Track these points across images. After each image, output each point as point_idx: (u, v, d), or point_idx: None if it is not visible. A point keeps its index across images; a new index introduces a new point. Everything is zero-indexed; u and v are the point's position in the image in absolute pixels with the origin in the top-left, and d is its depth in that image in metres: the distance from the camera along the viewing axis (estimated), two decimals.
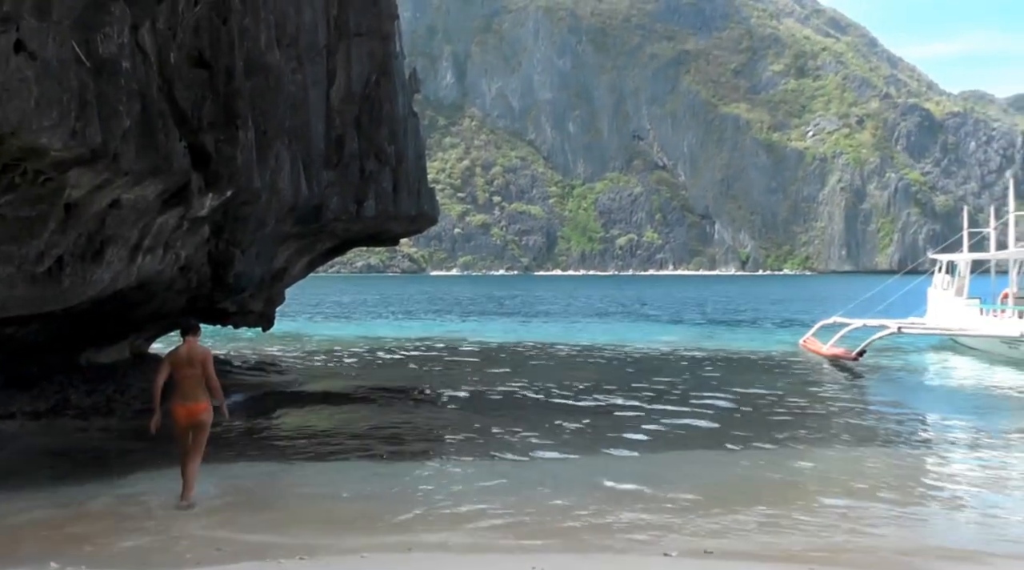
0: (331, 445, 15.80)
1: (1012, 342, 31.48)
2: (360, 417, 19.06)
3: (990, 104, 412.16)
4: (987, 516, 12.29)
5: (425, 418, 19.41)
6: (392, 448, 15.73)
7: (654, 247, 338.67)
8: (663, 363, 31.62)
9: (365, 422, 18.25)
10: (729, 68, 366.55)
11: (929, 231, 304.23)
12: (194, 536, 10.34)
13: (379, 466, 14.34)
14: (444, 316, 62.24)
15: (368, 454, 15.14)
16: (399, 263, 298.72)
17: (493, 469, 14.29)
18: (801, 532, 11.22)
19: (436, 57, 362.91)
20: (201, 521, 10.98)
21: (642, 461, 15.22)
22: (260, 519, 11.27)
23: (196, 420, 11.45)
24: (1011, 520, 12.02)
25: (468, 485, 13.16)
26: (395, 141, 22.85)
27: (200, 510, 11.38)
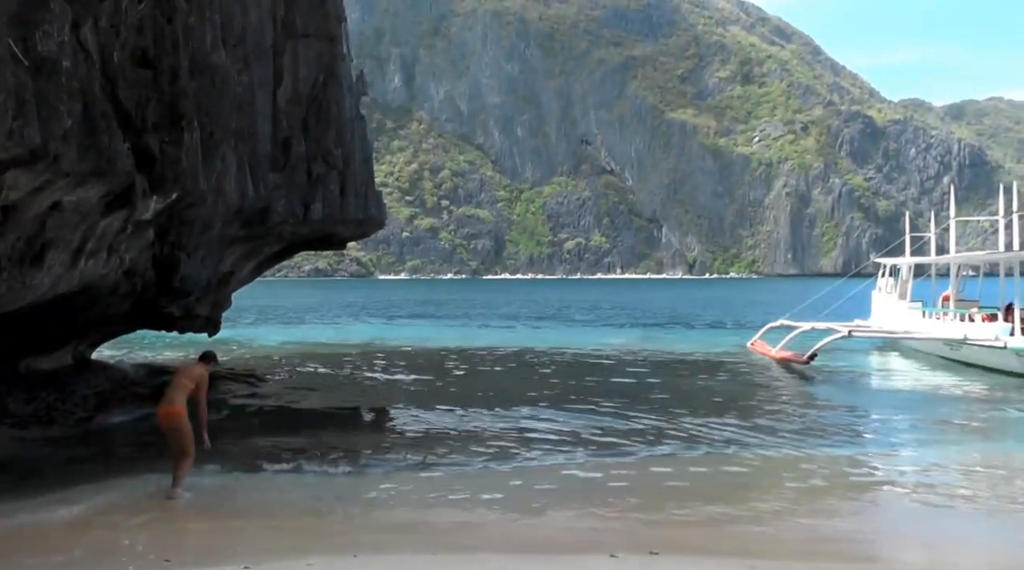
0: (275, 455, 15.55)
1: (953, 344, 31.92)
2: (306, 425, 18.83)
3: (928, 112, 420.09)
4: (927, 507, 12.61)
5: (369, 425, 19.26)
6: (336, 456, 15.55)
7: (602, 251, 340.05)
8: (609, 365, 31.69)
9: (310, 430, 18.04)
10: (676, 74, 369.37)
11: (872, 235, 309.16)
12: (141, 545, 10.13)
13: (324, 475, 14.17)
14: (387, 321, 61.90)
15: (314, 463, 14.94)
16: (347, 267, 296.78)
17: (437, 477, 14.21)
18: (743, 529, 11.40)
19: (384, 60, 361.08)
20: (152, 530, 10.77)
21: (587, 464, 15.22)
22: (208, 527, 11.10)
23: (167, 423, 12.04)
24: (944, 513, 12.27)
25: (414, 493, 13.09)
26: (342, 144, 22.65)
27: (149, 518, 11.20)
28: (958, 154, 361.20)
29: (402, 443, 16.97)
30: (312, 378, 27.68)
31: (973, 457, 16.64)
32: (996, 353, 28.94)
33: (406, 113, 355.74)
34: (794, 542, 11.00)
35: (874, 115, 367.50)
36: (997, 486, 14.34)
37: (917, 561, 10.58)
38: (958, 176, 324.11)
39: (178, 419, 12.01)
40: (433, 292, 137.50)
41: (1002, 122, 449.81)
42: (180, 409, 12.03)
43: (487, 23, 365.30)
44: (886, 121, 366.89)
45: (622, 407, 21.30)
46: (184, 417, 12.03)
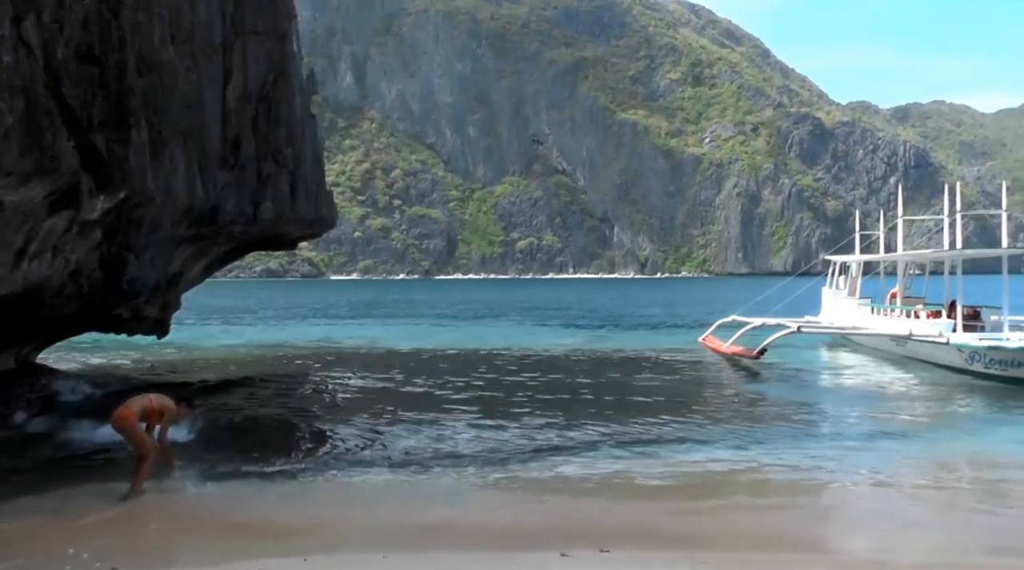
0: (224, 460, 15.29)
1: (900, 340, 32.55)
2: (255, 429, 18.58)
3: (875, 114, 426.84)
4: (874, 499, 12.74)
5: (319, 428, 19.06)
6: (284, 459, 15.37)
7: (554, 250, 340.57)
8: (562, 364, 31.73)
9: (259, 434, 17.81)
10: (627, 75, 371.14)
11: (821, 234, 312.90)
12: (87, 553, 9.90)
13: (275, 479, 13.97)
14: (338, 321, 61.48)
15: (264, 467, 14.74)
16: (299, 267, 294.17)
17: (388, 478, 14.13)
18: (695, 525, 11.54)
19: (335, 58, 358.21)
20: (97, 536, 10.56)
21: (537, 463, 15.22)
22: (157, 532, 10.94)
23: (116, 425, 12.21)
24: (890, 505, 12.43)
25: (365, 494, 13.05)
26: (293, 143, 22.41)
27: (93, 524, 11.01)
28: (904, 156, 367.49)
29: (352, 445, 16.81)
30: (261, 381, 27.35)
31: (918, 451, 17.02)
32: (940, 348, 29.56)
33: (357, 112, 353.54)
34: (745, 536, 11.15)
35: (823, 117, 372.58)
36: (941, 479, 14.70)
37: (863, 550, 10.87)
38: (904, 177, 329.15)
39: (124, 422, 12.08)
40: (385, 292, 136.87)
41: (945, 125, 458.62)
42: (128, 413, 12.10)
43: (439, 22, 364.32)
44: (834, 123, 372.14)
45: (572, 405, 21.34)
46: (132, 421, 12.10)
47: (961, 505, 13.07)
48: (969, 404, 23.57)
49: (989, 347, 27.17)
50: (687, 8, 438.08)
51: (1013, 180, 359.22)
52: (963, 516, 12.49)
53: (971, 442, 18.24)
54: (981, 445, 17.80)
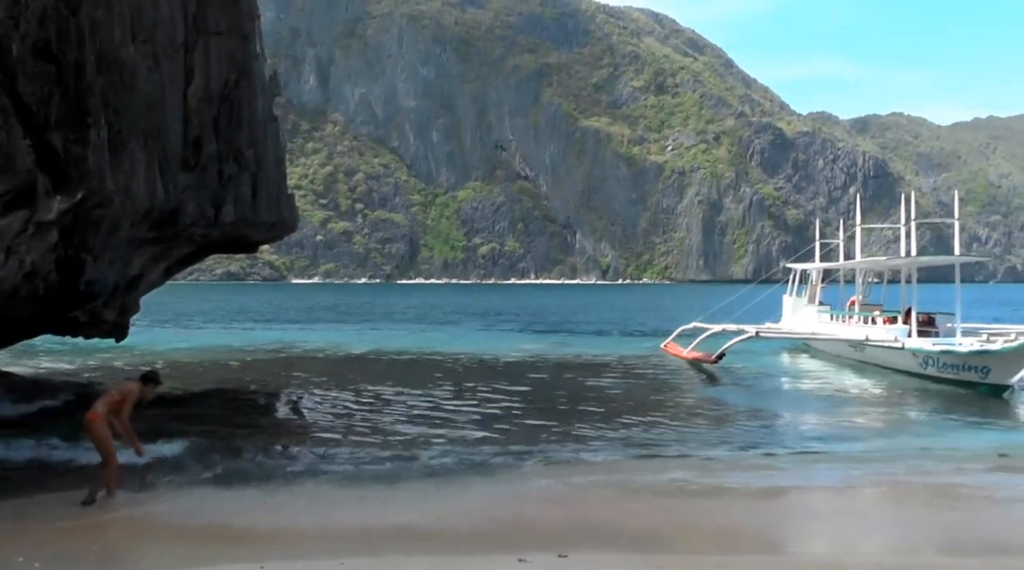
0: (180, 466, 15.08)
1: (857, 346, 33.17)
2: (214, 435, 18.33)
3: (835, 125, 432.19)
4: (830, 502, 12.79)
5: (276, 433, 18.90)
6: (242, 465, 15.20)
7: (516, 256, 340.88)
8: (524, 369, 31.71)
9: (216, 440, 17.55)
10: (590, 83, 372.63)
11: (782, 242, 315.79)
12: (38, 562, 9.72)
13: (231, 485, 13.80)
14: (299, 325, 61.08)
15: (221, 472, 14.56)
16: (260, 270, 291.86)
17: (344, 482, 14.09)
18: (653, 528, 11.59)
19: (299, 60, 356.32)
20: (50, 545, 10.36)
21: (497, 467, 15.22)
22: (113, 540, 10.75)
23: (86, 430, 12.09)
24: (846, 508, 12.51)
25: (321, 499, 12.96)
26: (255, 145, 22.19)
27: (44, 534, 10.81)
28: (863, 166, 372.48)
29: (312, 451, 16.66)
30: (220, 386, 27.08)
31: (874, 452, 17.33)
32: (895, 353, 30.33)
33: (321, 115, 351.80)
34: (703, 538, 11.29)
35: (784, 127, 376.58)
36: (895, 480, 14.88)
37: (820, 551, 11.06)
38: (863, 187, 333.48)
39: (92, 426, 11.96)
40: (346, 296, 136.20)
41: (903, 136, 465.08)
42: (95, 416, 11.97)
43: (403, 26, 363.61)
44: (795, 133, 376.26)
45: (532, 410, 21.34)
46: (98, 424, 11.97)
47: (915, 505, 13.25)
48: (923, 407, 24.09)
49: (942, 351, 27.79)
50: (650, 17, 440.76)
51: (967, 191, 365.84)
52: (917, 516, 12.69)
53: (924, 443, 18.59)
54: (934, 446, 18.16)
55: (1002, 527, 11.87)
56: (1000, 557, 10.40)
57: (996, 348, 25.94)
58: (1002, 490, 14.05)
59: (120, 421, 12.23)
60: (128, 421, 12.36)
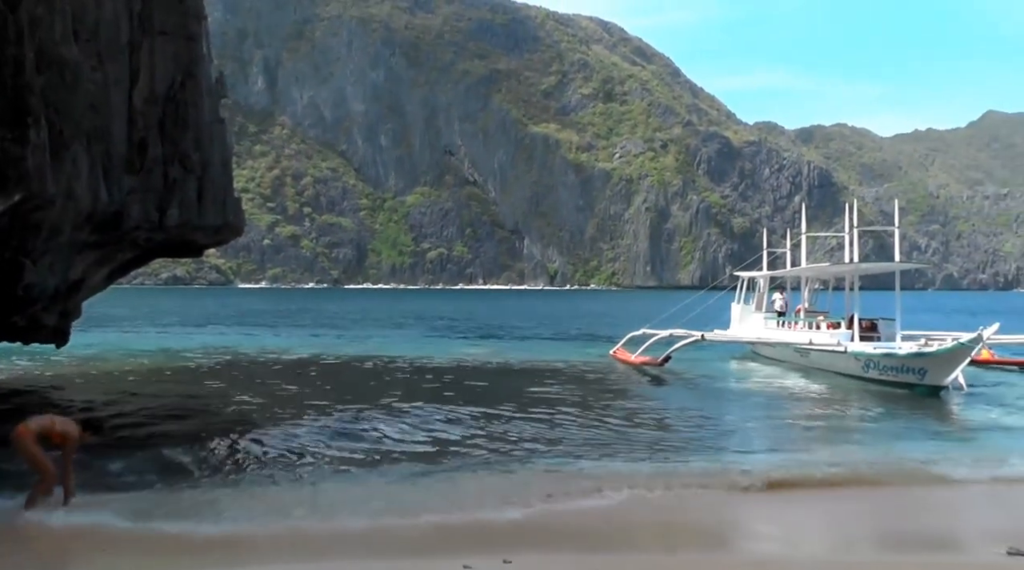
0: (113, 474, 14.75)
1: (802, 351, 33.97)
2: (150, 442, 17.99)
3: (781, 135, 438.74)
4: (777, 500, 12.93)
5: (217, 438, 18.58)
6: (187, 471, 14.94)
7: (464, 261, 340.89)
8: (471, 375, 31.63)
9: (152, 447, 17.20)
10: (539, 89, 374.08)
11: (728, 250, 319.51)
12: None
13: (166, 492, 13.53)
14: (241, 330, 60.41)
15: (165, 479, 14.29)
16: (206, 275, 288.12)
17: (283, 487, 13.95)
18: (599, 528, 11.71)
19: (246, 62, 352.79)
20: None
21: (443, 471, 15.16)
22: (41, 553, 10.48)
23: (12, 441, 11.72)
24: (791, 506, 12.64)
25: (260, 505, 12.76)
26: (201, 147, 21.86)
27: None
28: (808, 175, 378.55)
29: (257, 456, 16.42)
30: (163, 392, 26.65)
31: (816, 452, 17.72)
32: (838, 357, 31.17)
33: (268, 117, 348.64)
34: (650, 536, 11.51)
35: (730, 136, 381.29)
36: (837, 478, 15.16)
37: (764, 549, 11.24)
38: (808, 196, 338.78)
39: (19, 440, 11.68)
40: (293, 301, 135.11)
41: (847, 147, 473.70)
42: (25, 431, 11.70)
43: (352, 29, 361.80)
44: (742, 142, 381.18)
45: (478, 414, 21.28)
46: (27, 439, 11.67)
47: (856, 503, 13.57)
48: (864, 407, 24.78)
49: (882, 354, 28.87)
50: (599, 25, 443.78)
51: (908, 201, 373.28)
52: (858, 514, 13.00)
53: (865, 442, 19.20)
54: (875, 445, 18.74)
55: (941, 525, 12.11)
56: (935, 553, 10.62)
57: (932, 351, 27.08)
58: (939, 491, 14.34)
59: (64, 461, 12.00)
60: (69, 463, 12.11)
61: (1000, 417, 22.86)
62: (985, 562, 10.41)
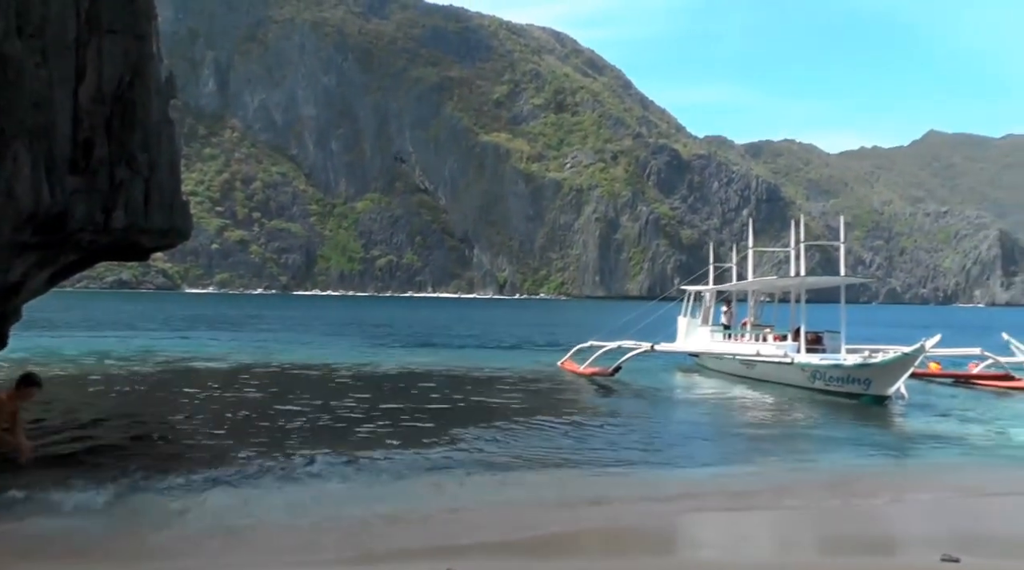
0: (50, 483, 14.45)
1: (749, 363, 34.47)
2: (85, 450, 17.68)
3: (730, 149, 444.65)
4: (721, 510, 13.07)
5: (157, 445, 18.35)
6: (118, 481, 14.61)
7: (413, 269, 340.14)
8: (420, 382, 31.46)
9: (91, 458, 16.88)
10: (491, 98, 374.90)
11: (676, 261, 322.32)
12: None
13: (110, 500, 13.28)
14: (185, 335, 59.70)
15: (95, 489, 13.98)
16: (153, 279, 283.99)
17: (219, 494, 13.72)
18: (544, 534, 11.78)
19: (198, 63, 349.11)
20: None
21: (383, 481, 15.04)
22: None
23: None
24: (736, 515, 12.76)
25: (196, 511, 12.66)
26: (148, 148, 21.54)
27: None
28: (756, 189, 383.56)
29: (196, 465, 16.11)
30: (99, 399, 26.21)
31: (763, 459, 17.99)
32: (785, 368, 31.73)
33: (219, 120, 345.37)
34: (592, 543, 11.63)
35: (680, 149, 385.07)
36: (782, 483, 15.52)
37: (708, 553, 11.47)
38: (756, 209, 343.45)
39: None
40: (241, 307, 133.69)
41: (794, 162, 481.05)
42: None
43: (305, 32, 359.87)
44: (691, 155, 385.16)
45: (427, 424, 21.17)
46: None
47: (801, 508, 13.89)
48: (810, 416, 25.26)
49: (829, 365, 29.56)
50: (552, 36, 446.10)
51: (853, 217, 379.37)
52: (802, 518, 13.33)
53: (810, 449, 19.61)
54: (820, 452, 19.16)
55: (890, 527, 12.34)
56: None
57: (877, 362, 27.86)
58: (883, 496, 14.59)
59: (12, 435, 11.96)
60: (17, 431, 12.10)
61: (939, 427, 23.35)
62: (920, 567, 10.64)
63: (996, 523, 13.31)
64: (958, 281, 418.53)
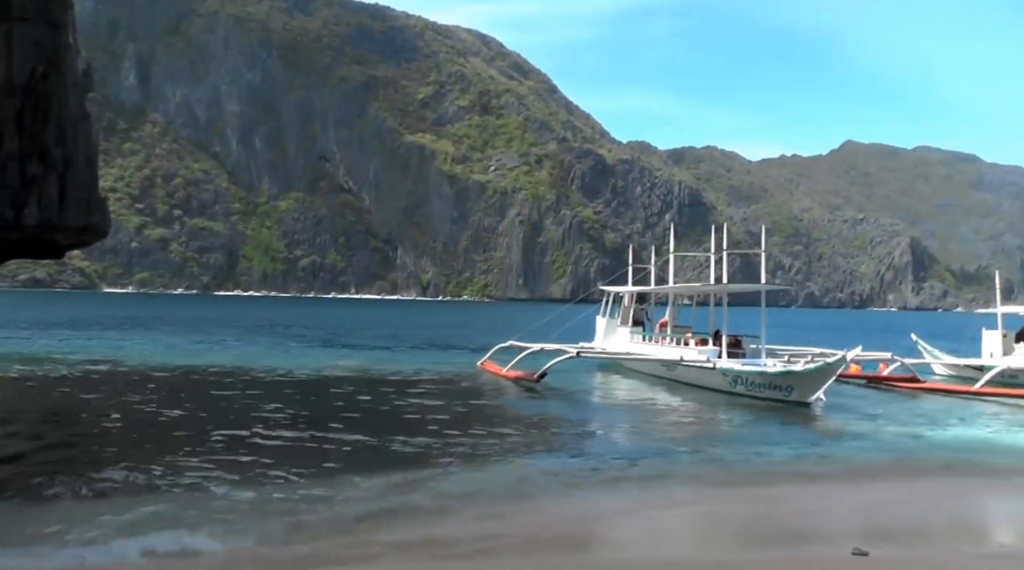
0: None
1: (669, 365, 34.83)
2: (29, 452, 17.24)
3: (653, 155, 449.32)
4: (645, 507, 13.23)
5: (74, 455, 17.92)
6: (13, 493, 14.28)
7: (337, 270, 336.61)
8: (339, 386, 31.26)
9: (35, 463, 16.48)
10: (416, 99, 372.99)
11: (600, 265, 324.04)
12: None
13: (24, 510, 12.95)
14: (99, 336, 58.39)
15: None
16: (69, 278, 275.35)
17: (148, 502, 13.50)
18: (473, 531, 12.03)
19: (118, 55, 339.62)
20: None
21: (307, 486, 14.97)
22: None
23: None
24: (660, 514, 12.94)
25: (114, 521, 12.43)
26: (64, 143, 21.03)
27: None
28: (679, 194, 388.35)
29: (102, 477, 15.73)
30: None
31: (687, 465, 18.18)
32: (706, 372, 32.24)
33: (140, 114, 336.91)
34: (523, 540, 11.77)
35: (604, 154, 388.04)
36: (702, 483, 15.98)
37: (629, 549, 11.71)
38: (678, 214, 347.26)
39: None
40: (160, 307, 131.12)
41: (716, 169, 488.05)
42: None
43: (229, 27, 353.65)
44: (615, 160, 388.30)
45: (347, 427, 21.05)
46: None
47: (720, 506, 14.26)
48: (730, 419, 25.84)
49: (752, 371, 30.04)
50: (478, 38, 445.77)
51: (773, 223, 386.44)
52: (719, 515, 13.69)
53: (731, 451, 20.03)
54: (740, 453, 19.56)
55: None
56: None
57: (799, 369, 28.41)
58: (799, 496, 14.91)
59: None
60: None
61: (853, 427, 24.05)
62: (831, 558, 11.04)
63: (903, 516, 13.81)
64: (873, 286, 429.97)
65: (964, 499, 15.49)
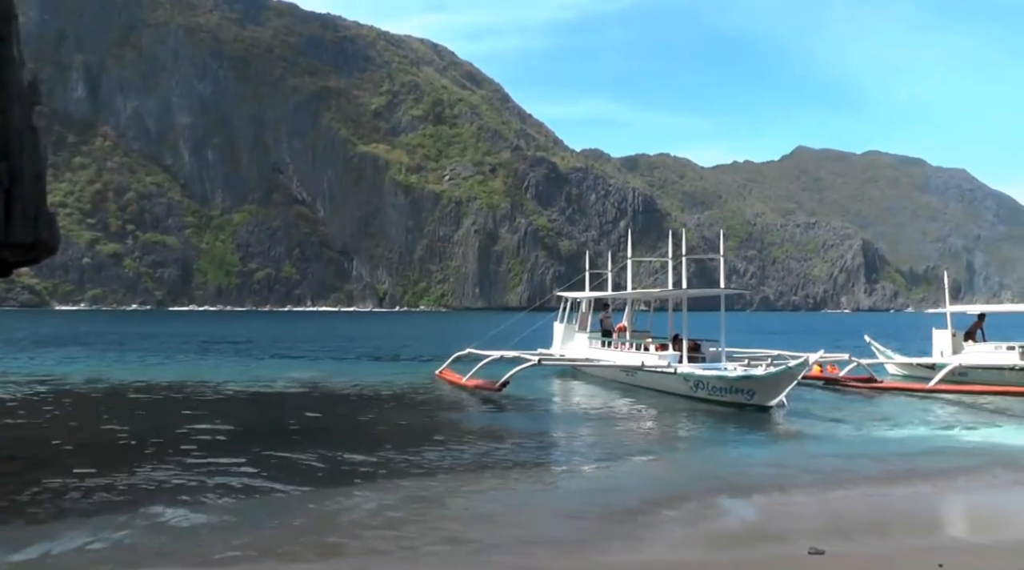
0: None
1: (630, 370, 34.83)
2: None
3: (607, 162, 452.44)
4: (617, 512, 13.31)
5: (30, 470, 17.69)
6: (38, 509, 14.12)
7: (292, 282, 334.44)
8: (295, 399, 31.04)
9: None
10: (369, 109, 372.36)
11: (555, 272, 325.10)
12: None
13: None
14: (50, 355, 57.55)
15: None
16: (18, 295, 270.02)
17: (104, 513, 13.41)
18: (456, 533, 12.29)
19: (66, 67, 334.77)
20: None
21: (270, 497, 14.91)
22: None
23: None
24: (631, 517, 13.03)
25: (56, 542, 12.18)
26: (8, 157, 20.62)
27: None
28: (633, 201, 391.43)
29: (51, 492, 15.52)
30: None
31: (653, 470, 18.37)
32: (667, 378, 32.31)
33: (90, 127, 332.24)
34: (506, 545, 11.90)
35: (558, 162, 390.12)
36: (665, 488, 15.95)
37: (622, 562, 11.53)
38: (633, 221, 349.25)
39: None
40: (111, 324, 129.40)
41: (669, 176, 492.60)
42: None
43: (180, 38, 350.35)
44: (569, 168, 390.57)
45: (304, 440, 20.86)
46: None
47: (680, 506, 14.42)
48: (692, 424, 26.00)
49: (713, 376, 30.11)
50: (430, 47, 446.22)
51: (727, 228, 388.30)
52: (680, 516, 13.87)
53: (692, 455, 20.41)
54: (700, 453, 20.13)
55: None
56: None
57: (760, 374, 28.69)
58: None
59: None
60: None
61: (812, 428, 24.37)
62: (788, 558, 11.25)
63: (859, 515, 14.04)
64: (826, 288, 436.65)
65: (922, 497, 15.79)
